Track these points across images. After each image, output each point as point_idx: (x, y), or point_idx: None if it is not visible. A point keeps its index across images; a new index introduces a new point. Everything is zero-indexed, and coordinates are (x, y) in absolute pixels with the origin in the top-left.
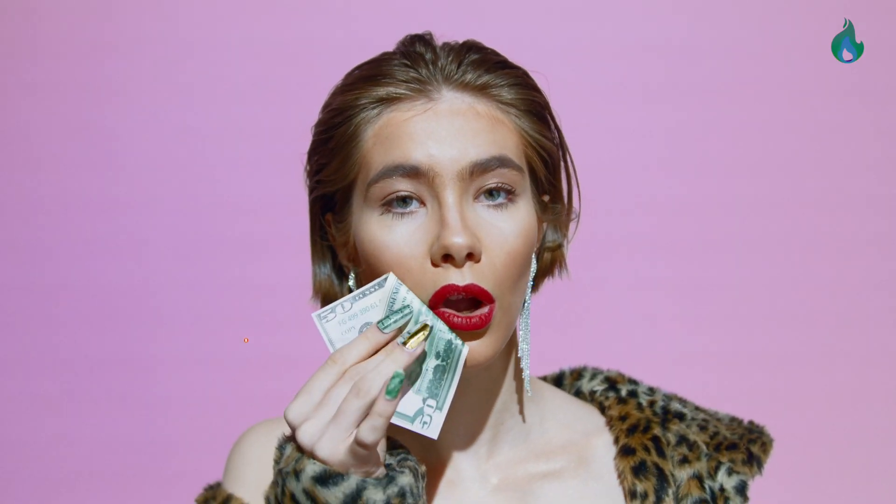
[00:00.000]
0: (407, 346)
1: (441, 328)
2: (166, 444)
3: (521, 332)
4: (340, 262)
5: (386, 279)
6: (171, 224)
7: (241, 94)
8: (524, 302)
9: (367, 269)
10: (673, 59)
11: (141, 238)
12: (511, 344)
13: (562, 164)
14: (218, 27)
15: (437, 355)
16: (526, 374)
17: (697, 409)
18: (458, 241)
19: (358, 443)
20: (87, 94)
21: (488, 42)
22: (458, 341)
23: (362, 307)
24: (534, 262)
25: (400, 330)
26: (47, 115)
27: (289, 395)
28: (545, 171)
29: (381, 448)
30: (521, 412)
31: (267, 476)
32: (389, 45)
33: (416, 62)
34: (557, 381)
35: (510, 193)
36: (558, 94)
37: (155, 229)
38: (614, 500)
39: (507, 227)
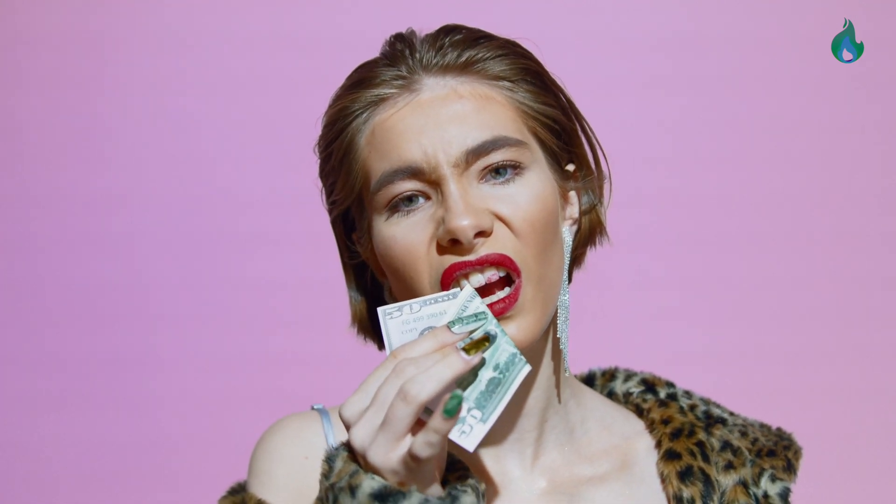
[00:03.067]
0: (466, 353)
1: (508, 341)
2: (165, 444)
3: (560, 318)
4: (377, 279)
5: (461, 289)
6: (168, 220)
7: (238, 89)
8: (562, 280)
9: (390, 277)
10: (673, 60)
11: (136, 234)
12: (549, 332)
13: (578, 127)
14: (214, 21)
15: (496, 367)
16: (566, 358)
17: (733, 414)
18: (462, 223)
19: (411, 456)
20: (80, 88)
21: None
22: (522, 358)
23: (430, 312)
24: (567, 237)
25: (468, 335)
26: (40, 110)
27: (293, 394)
28: (556, 140)
29: (441, 461)
30: (564, 409)
31: (299, 475)
32: (413, 28)
33: (396, 60)
34: (588, 381)
35: (517, 168)
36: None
37: (151, 225)
38: None
39: (519, 195)
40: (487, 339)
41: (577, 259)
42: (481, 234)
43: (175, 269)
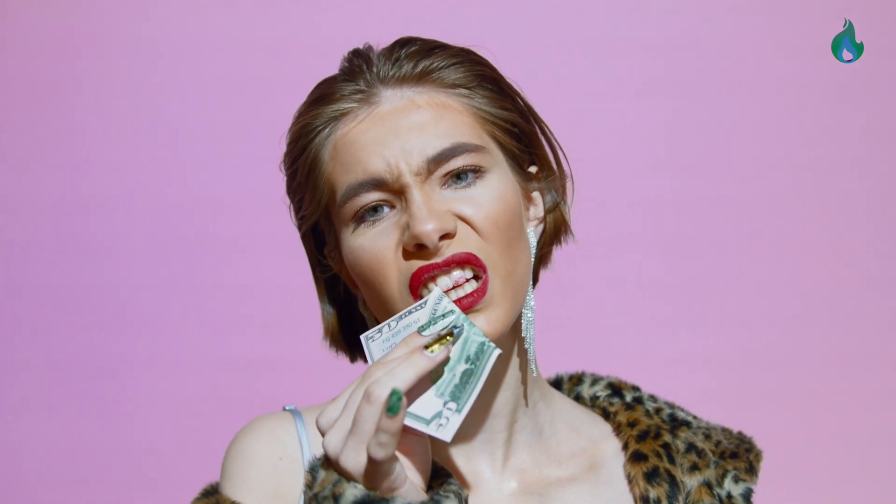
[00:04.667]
0: (430, 350)
1: (476, 332)
2: (138, 446)
3: (525, 318)
4: (350, 291)
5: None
6: (143, 224)
7: (216, 93)
8: (529, 278)
9: (361, 286)
10: (672, 60)
11: (112, 238)
12: (515, 333)
13: (537, 129)
14: (191, 26)
15: (468, 359)
16: (531, 354)
17: (696, 418)
18: (426, 227)
19: (368, 459)
20: (57, 92)
21: (483, 40)
22: (491, 344)
23: (405, 324)
24: (532, 236)
25: (441, 335)
26: (17, 113)
27: (266, 397)
28: (515, 143)
29: (425, 465)
30: (534, 410)
31: (272, 476)
32: (371, 43)
33: (354, 75)
34: (555, 385)
35: (477, 171)
36: (553, 91)
37: (126, 229)
38: None
39: (481, 196)
40: (451, 334)
41: (543, 258)
42: (446, 236)
43: (150, 273)
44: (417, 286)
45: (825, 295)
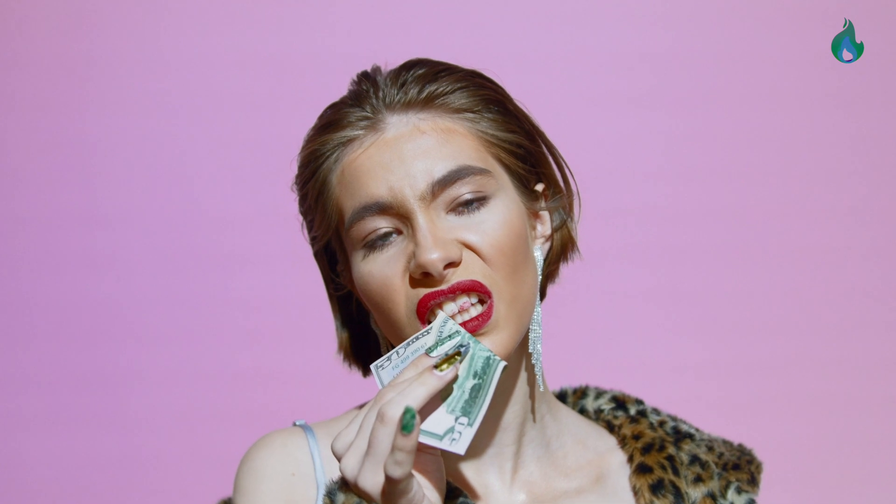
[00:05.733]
0: (439, 369)
1: (481, 347)
2: (146, 461)
3: (532, 334)
4: (363, 306)
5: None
6: (151, 238)
7: (223, 108)
8: (535, 298)
9: (371, 309)
10: (672, 59)
11: (118, 252)
12: (522, 348)
13: (544, 148)
14: (199, 42)
15: (475, 374)
16: (539, 369)
17: (699, 430)
18: (431, 256)
19: (386, 478)
20: (67, 106)
21: (483, 51)
22: (496, 357)
23: (414, 349)
24: (538, 256)
25: (449, 356)
26: (26, 128)
27: (274, 410)
28: (521, 164)
29: (440, 483)
30: (541, 423)
31: (285, 491)
32: (372, 60)
33: (361, 101)
34: (559, 399)
35: (481, 198)
36: (548, 102)
37: (133, 244)
38: None
39: (486, 222)
40: (458, 353)
41: (550, 275)
42: (451, 265)
43: (158, 287)
44: (425, 312)
45: (827, 302)
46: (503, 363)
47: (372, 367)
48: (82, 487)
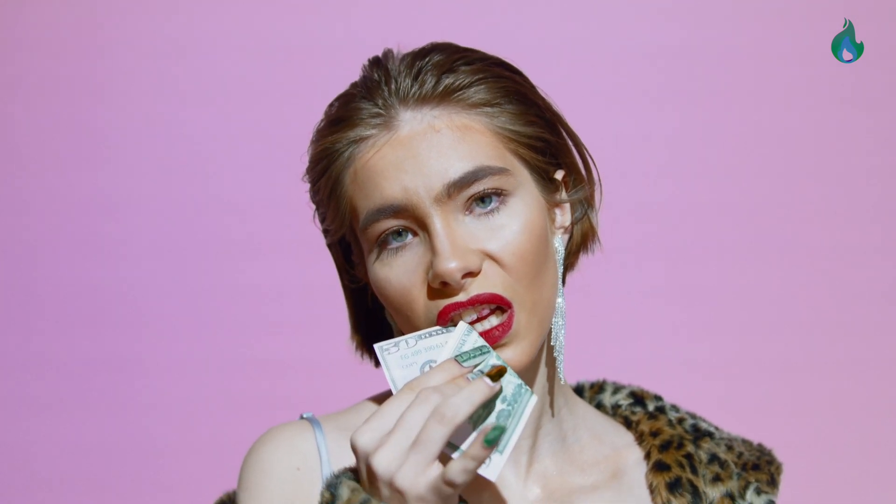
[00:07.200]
0: (492, 380)
1: (512, 373)
2: (152, 450)
3: (556, 324)
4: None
5: (455, 326)
6: (160, 224)
7: (233, 94)
8: (557, 295)
9: (389, 310)
10: (671, 59)
11: (128, 239)
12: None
13: (566, 136)
14: (210, 27)
15: (503, 399)
16: (560, 363)
17: (718, 429)
18: (449, 266)
19: (447, 482)
20: (76, 92)
21: (485, 44)
22: (528, 389)
23: (427, 346)
24: (559, 247)
25: (474, 368)
26: (36, 113)
27: (282, 399)
28: (541, 157)
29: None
30: (558, 416)
31: (290, 486)
32: (384, 44)
33: (373, 94)
34: (576, 393)
35: (501, 195)
36: (556, 98)
37: (142, 230)
38: None
39: (506, 227)
40: (505, 369)
41: (570, 265)
42: (469, 274)
43: (166, 275)
44: (445, 322)
45: (840, 301)
46: (535, 397)
47: (377, 347)
48: (88, 474)
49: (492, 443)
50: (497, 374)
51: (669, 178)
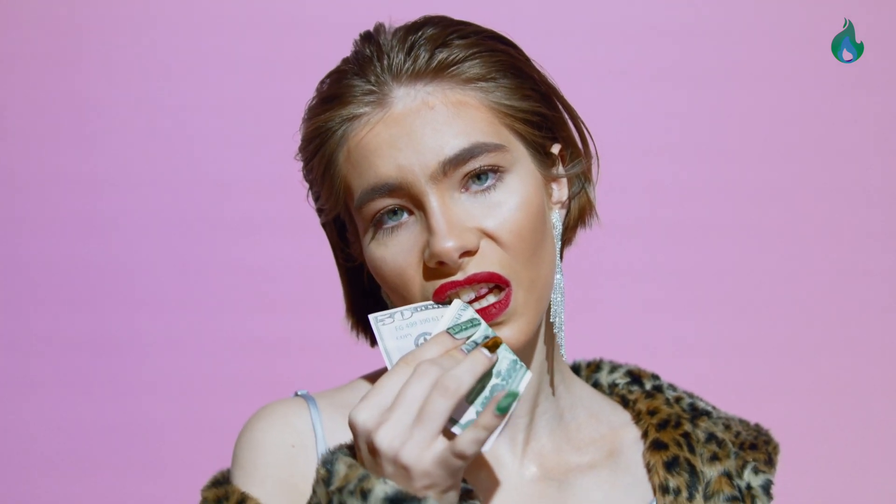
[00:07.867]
0: (489, 352)
1: (506, 348)
2: (148, 429)
3: (555, 301)
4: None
5: (450, 302)
6: (158, 203)
7: (226, 72)
8: (555, 272)
9: (385, 288)
10: (672, 60)
11: (122, 218)
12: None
13: (562, 110)
14: (201, 5)
15: (498, 374)
16: (561, 340)
17: (715, 408)
18: (446, 245)
19: (457, 454)
20: (66, 71)
21: (479, 16)
22: (523, 366)
23: (422, 318)
24: (557, 222)
25: (467, 340)
26: (26, 92)
27: (279, 377)
28: (537, 131)
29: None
30: (555, 393)
31: (285, 463)
32: (376, 17)
33: (365, 70)
34: (573, 372)
35: (497, 172)
36: (560, 78)
37: (137, 209)
38: (643, 494)
39: (503, 204)
40: (500, 340)
41: (567, 241)
42: (466, 253)
43: (160, 253)
44: (442, 301)
45: (840, 284)
46: (530, 373)
47: (371, 318)
48: (81, 453)
49: (504, 410)
50: (493, 345)
51: (664, 157)
